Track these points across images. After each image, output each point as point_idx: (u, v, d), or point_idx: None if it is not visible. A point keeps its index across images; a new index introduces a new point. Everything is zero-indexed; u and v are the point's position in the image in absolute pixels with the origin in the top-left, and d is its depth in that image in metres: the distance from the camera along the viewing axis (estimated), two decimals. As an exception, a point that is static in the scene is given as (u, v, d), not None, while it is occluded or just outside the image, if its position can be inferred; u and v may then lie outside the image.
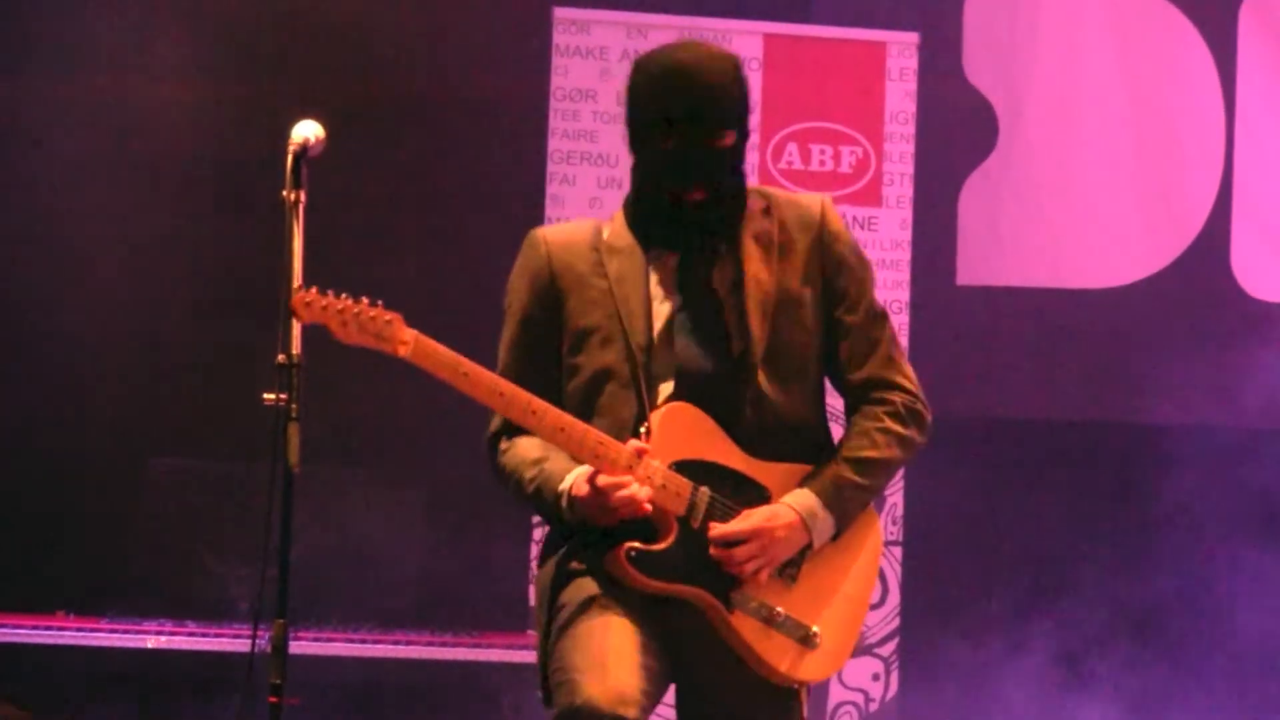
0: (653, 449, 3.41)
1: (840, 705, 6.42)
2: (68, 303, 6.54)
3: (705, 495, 3.44)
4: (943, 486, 6.65)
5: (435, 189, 6.76)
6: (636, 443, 3.41)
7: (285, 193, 3.38)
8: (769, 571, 3.45)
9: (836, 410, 3.65)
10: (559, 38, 6.51)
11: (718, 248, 3.56)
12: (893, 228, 6.59)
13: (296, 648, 3.98)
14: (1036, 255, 6.99)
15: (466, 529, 6.40)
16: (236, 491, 6.04)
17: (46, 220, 6.56)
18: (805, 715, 3.54)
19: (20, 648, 5.51)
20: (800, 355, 3.55)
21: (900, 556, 6.50)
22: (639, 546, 3.40)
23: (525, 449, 3.53)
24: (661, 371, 3.50)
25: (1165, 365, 6.90)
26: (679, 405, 3.47)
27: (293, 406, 3.24)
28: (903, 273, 6.57)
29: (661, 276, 3.56)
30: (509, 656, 5.68)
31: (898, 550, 6.50)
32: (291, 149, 3.40)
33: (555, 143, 6.49)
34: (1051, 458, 6.99)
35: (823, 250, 3.60)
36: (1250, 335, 6.90)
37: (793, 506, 3.47)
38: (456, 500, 6.34)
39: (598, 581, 3.44)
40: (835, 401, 3.66)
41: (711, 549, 3.43)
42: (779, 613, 3.46)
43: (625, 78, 3.60)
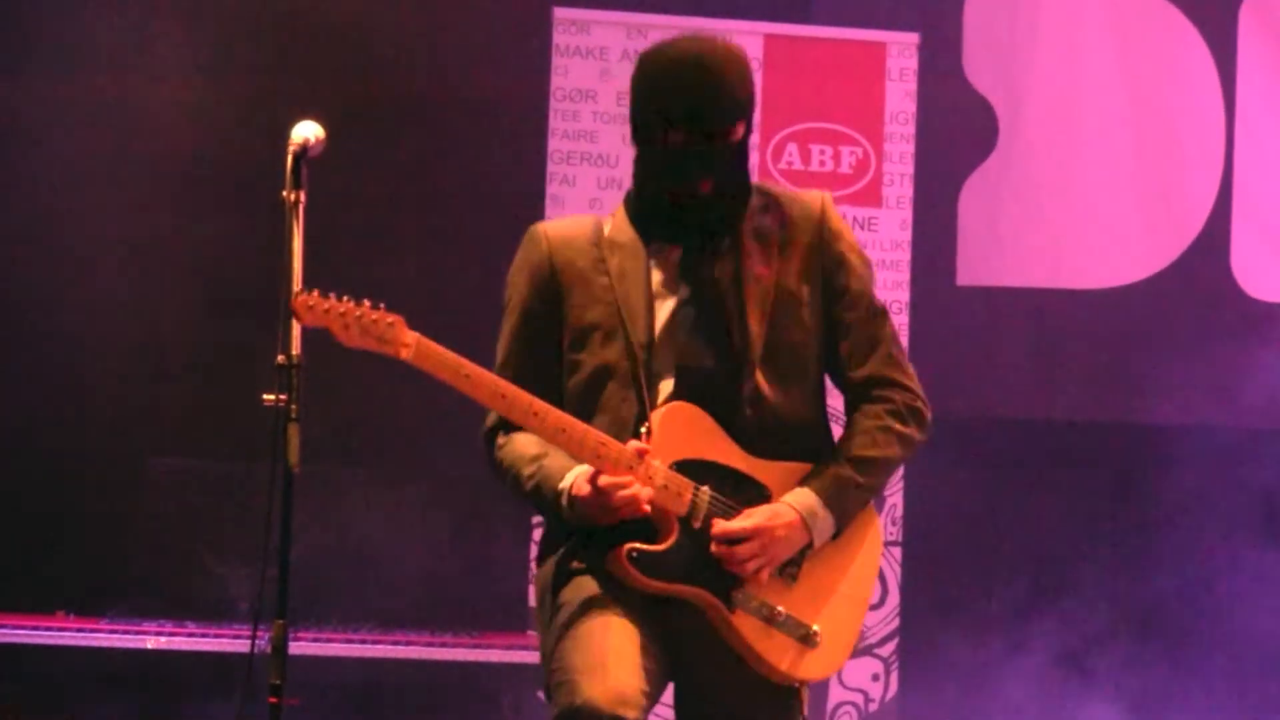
0: (653, 449, 3.40)
1: (840, 705, 6.41)
2: (68, 303, 6.54)
3: (706, 495, 3.44)
4: (943, 486, 6.65)
5: (435, 189, 6.76)
6: (637, 443, 3.40)
7: (285, 193, 3.37)
8: (770, 571, 3.45)
9: (837, 411, 3.65)
10: (559, 38, 6.51)
11: (721, 243, 3.55)
12: (893, 228, 6.58)
13: (296, 648, 3.99)
14: (1036, 255, 6.98)
15: (466, 529, 6.39)
16: (236, 491, 6.04)
17: (46, 220, 6.56)
18: (805, 714, 3.54)
19: (20, 648, 5.51)
20: (799, 354, 3.54)
21: (900, 557, 6.50)
22: (640, 547, 3.40)
23: (523, 444, 3.52)
24: (662, 369, 3.49)
25: (1165, 365, 6.90)
26: (679, 405, 3.47)
27: (293, 407, 3.24)
28: (903, 273, 6.57)
29: (664, 271, 3.54)
30: (509, 656, 5.68)
31: (897, 550, 6.50)
32: (291, 149, 3.39)
33: (555, 143, 6.49)
34: (1051, 458, 6.98)
35: (823, 247, 3.59)
36: (1250, 335, 6.90)
37: (793, 505, 3.46)
38: (456, 500, 6.33)
39: (598, 580, 3.44)
40: (835, 402, 3.66)
41: (713, 547, 3.42)
42: (779, 612, 3.46)
43: (627, 76, 3.59)
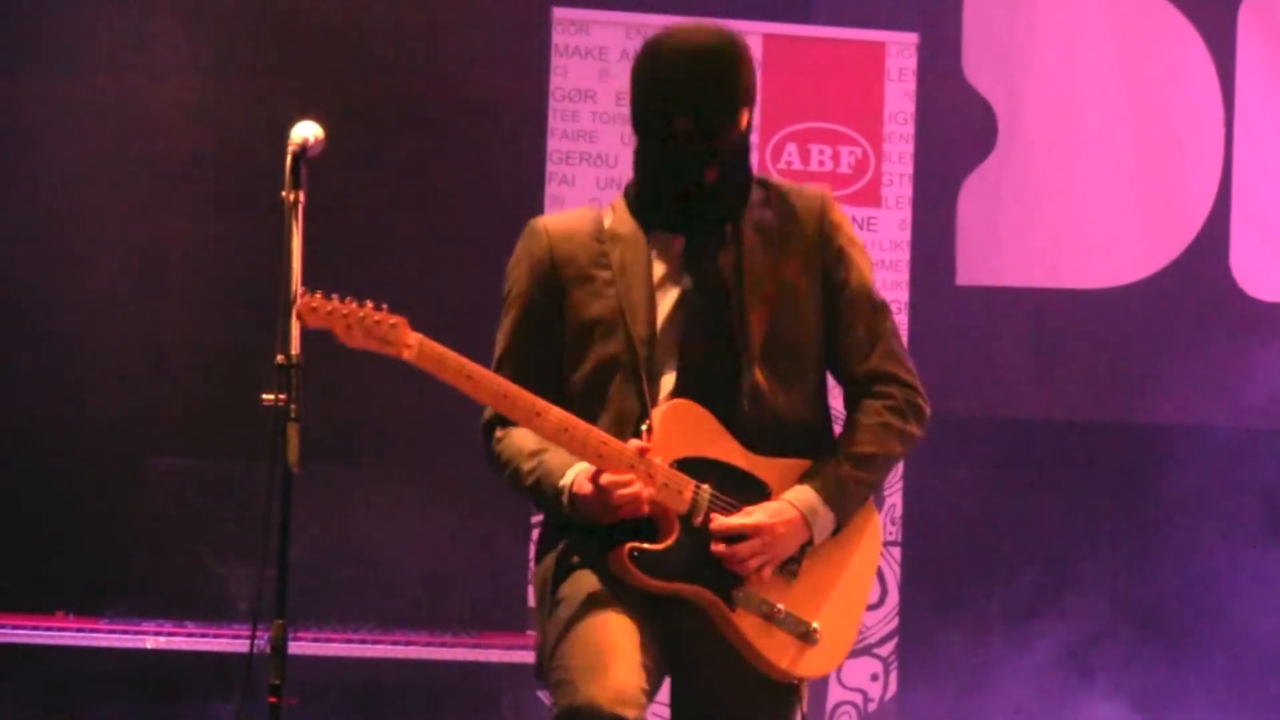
0: (654, 447, 3.40)
1: (839, 705, 6.42)
2: (68, 303, 6.54)
3: (707, 493, 3.43)
4: (942, 486, 6.66)
5: (435, 189, 6.76)
6: (638, 441, 3.40)
7: (285, 193, 3.37)
8: (771, 569, 3.45)
9: (839, 413, 3.64)
10: (558, 38, 6.52)
11: (724, 232, 3.54)
12: (892, 228, 6.58)
13: (296, 648, 3.99)
14: (1036, 255, 6.99)
15: (466, 529, 6.39)
16: (236, 491, 6.04)
17: (46, 220, 6.56)
18: (804, 711, 3.54)
19: (20, 648, 5.51)
20: (799, 348, 3.53)
21: (900, 557, 6.50)
22: (642, 546, 3.39)
23: (521, 438, 3.51)
24: (664, 363, 3.48)
25: (1165, 365, 6.91)
26: (680, 403, 3.46)
27: (292, 407, 3.24)
28: (902, 273, 6.57)
29: (666, 263, 3.53)
30: (509, 656, 5.68)
31: (897, 550, 6.50)
32: (291, 149, 3.39)
33: (554, 143, 6.49)
34: (1051, 458, 6.99)
35: (823, 241, 3.57)
36: (1250, 335, 6.90)
37: (794, 503, 3.46)
38: (456, 500, 6.33)
39: (597, 575, 3.43)
40: (836, 403, 3.65)
41: (713, 546, 3.42)
42: (779, 610, 3.46)
43: (626, 76, 3.56)
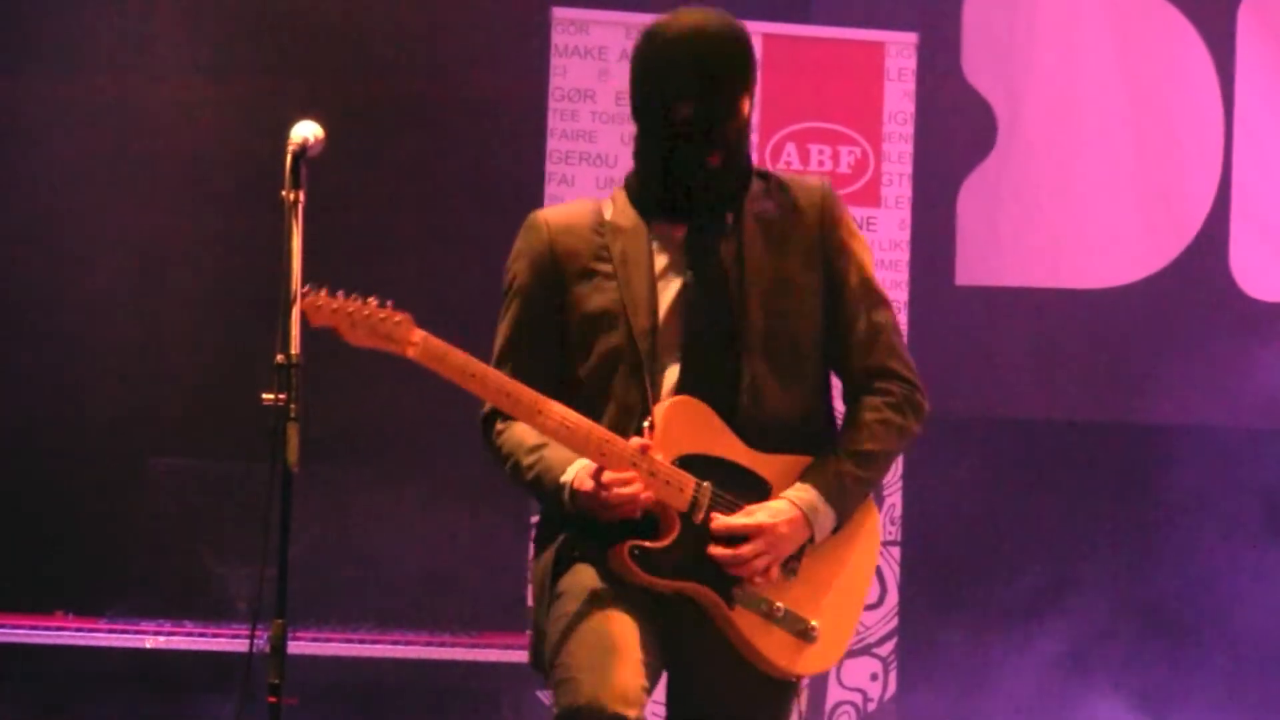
0: (656, 444, 3.40)
1: (838, 705, 6.41)
2: (68, 303, 6.54)
3: (708, 491, 3.43)
4: (942, 486, 6.66)
5: (435, 189, 6.76)
6: (640, 439, 3.40)
7: (285, 193, 3.37)
8: (774, 569, 3.45)
9: (839, 413, 3.64)
10: (558, 38, 6.51)
11: (725, 221, 3.53)
12: (891, 228, 6.58)
13: (295, 648, 3.99)
14: (1036, 255, 6.99)
15: (466, 529, 6.39)
16: (236, 491, 6.04)
17: (46, 220, 6.56)
18: (803, 709, 3.54)
19: (20, 648, 5.51)
20: (799, 342, 3.53)
21: (899, 556, 6.50)
22: (642, 544, 3.39)
23: (523, 432, 3.50)
24: (666, 355, 3.48)
25: (1165, 365, 6.90)
26: (682, 399, 3.46)
27: (292, 406, 3.24)
28: (901, 273, 6.57)
29: (668, 253, 3.52)
30: (509, 656, 5.68)
31: (897, 550, 6.50)
32: (291, 149, 3.38)
33: (554, 143, 6.49)
34: (1051, 458, 6.99)
35: (824, 234, 3.57)
36: (1250, 335, 6.90)
37: (794, 502, 3.46)
38: (456, 500, 6.33)
39: (596, 569, 3.44)
40: (836, 403, 3.65)
41: (716, 548, 3.42)
42: (779, 608, 3.46)
43: (626, 76, 3.58)
